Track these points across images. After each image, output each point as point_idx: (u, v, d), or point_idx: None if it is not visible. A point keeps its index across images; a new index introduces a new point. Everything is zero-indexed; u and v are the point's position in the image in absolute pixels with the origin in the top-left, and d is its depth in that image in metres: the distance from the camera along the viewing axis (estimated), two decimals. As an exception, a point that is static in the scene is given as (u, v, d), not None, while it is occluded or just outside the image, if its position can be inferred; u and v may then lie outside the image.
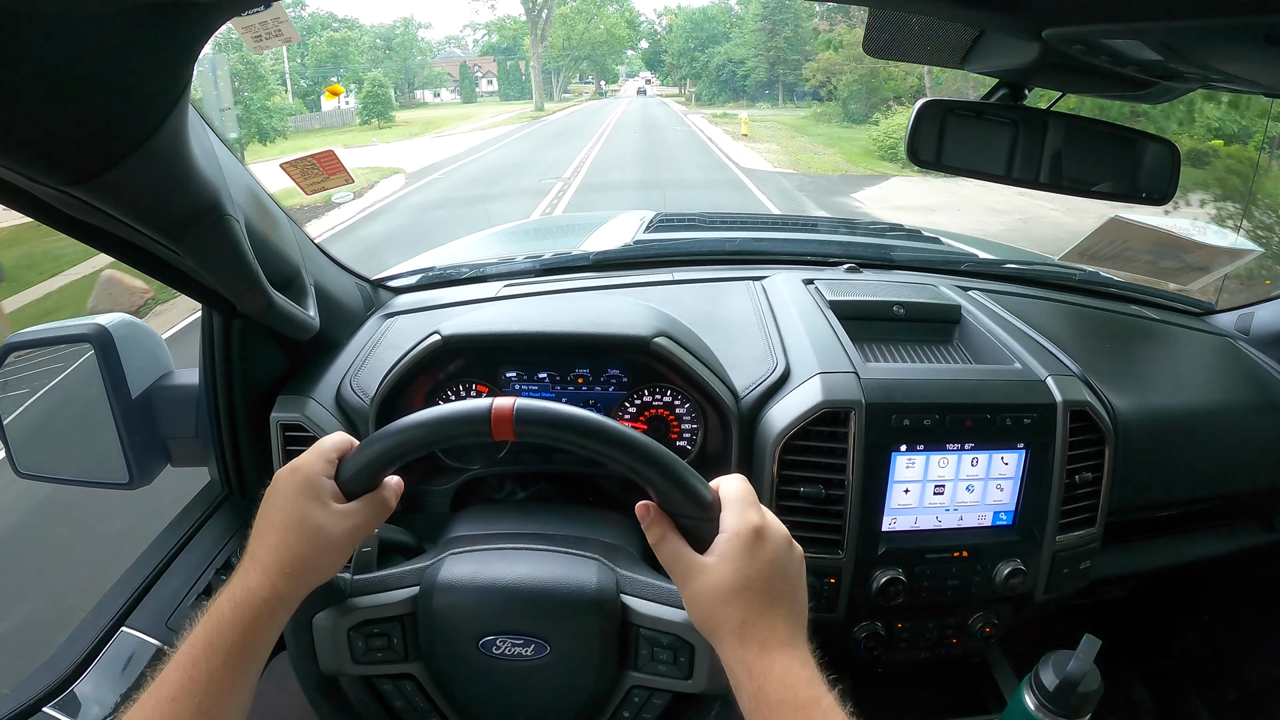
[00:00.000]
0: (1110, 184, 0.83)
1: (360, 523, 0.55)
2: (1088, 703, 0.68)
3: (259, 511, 0.55)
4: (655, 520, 0.54)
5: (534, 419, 0.53)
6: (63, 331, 0.93)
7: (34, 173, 0.48)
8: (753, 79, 34.31)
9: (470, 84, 45.32)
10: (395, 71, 37.78)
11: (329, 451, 0.57)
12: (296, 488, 0.54)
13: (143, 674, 0.78)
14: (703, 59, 40.13)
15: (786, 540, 0.53)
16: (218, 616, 0.50)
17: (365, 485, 0.56)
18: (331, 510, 0.54)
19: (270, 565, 0.52)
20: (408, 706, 0.62)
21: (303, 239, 0.91)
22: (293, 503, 0.54)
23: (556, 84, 45.36)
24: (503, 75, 46.99)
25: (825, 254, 1.33)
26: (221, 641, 0.49)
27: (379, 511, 0.57)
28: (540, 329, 0.91)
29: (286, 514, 0.53)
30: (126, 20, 0.41)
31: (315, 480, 0.54)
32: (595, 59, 47.28)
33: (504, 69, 47.09)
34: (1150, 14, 0.42)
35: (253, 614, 0.50)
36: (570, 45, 44.09)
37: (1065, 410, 0.85)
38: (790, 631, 0.51)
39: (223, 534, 0.96)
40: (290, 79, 28.25)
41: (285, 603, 0.52)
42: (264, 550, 0.53)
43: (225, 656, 0.48)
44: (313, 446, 0.57)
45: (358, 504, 0.56)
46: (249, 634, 0.49)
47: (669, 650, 0.57)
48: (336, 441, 0.58)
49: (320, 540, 0.53)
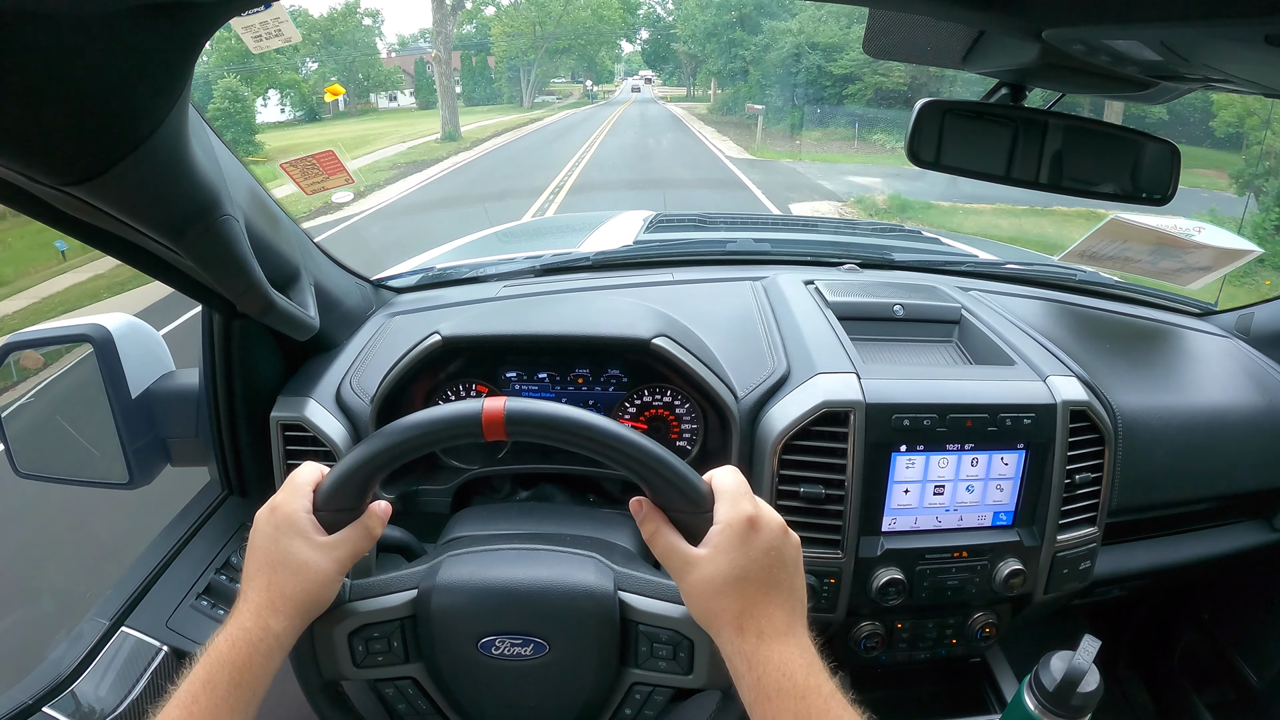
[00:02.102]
0: (1110, 184, 0.83)
1: (346, 553, 0.55)
2: (1088, 703, 0.68)
3: (245, 553, 0.55)
4: (649, 515, 0.54)
5: (525, 419, 0.53)
6: (63, 331, 0.93)
7: (34, 173, 0.48)
8: (857, 94, 17.12)
9: (427, 85, 33.49)
10: (337, 69, 29.06)
11: (303, 485, 0.56)
12: (277, 527, 0.54)
13: (142, 674, 0.78)
14: (752, 43, 22.60)
15: (781, 528, 0.53)
16: (216, 655, 0.50)
17: (348, 509, 0.56)
18: (315, 544, 0.54)
19: (263, 605, 0.52)
20: (409, 709, 0.62)
21: (303, 239, 0.91)
22: (275, 543, 0.54)
23: (527, 84, 34.20)
24: (467, 74, 35.85)
25: (826, 254, 1.33)
26: (219, 679, 0.49)
27: (363, 539, 0.57)
28: (540, 329, 0.91)
29: (270, 555, 0.54)
30: (126, 20, 0.41)
31: (294, 517, 0.54)
32: (579, 51, 36.11)
33: (469, 66, 35.89)
34: (1150, 15, 0.42)
35: (248, 652, 0.50)
36: (545, 31, 32.73)
37: (1065, 411, 0.85)
38: (789, 620, 0.51)
39: (223, 534, 0.96)
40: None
41: (281, 639, 0.52)
42: (254, 591, 0.53)
43: (223, 693, 0.49)
44: (285, 482, 0.57)
45: (342, 534, 0.55)
46: (245, 671, 0.50)
47: (668, 646, 0.57)
48: (309, 474, 0.57)
49: (306, 576, 0.53)
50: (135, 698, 0.76)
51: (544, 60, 34.71)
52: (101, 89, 0.44)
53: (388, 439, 0.55)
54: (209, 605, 0.87)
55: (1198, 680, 1.26)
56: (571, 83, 44.45)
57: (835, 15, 18.39)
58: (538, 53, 33.30)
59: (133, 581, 0.86)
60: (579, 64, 39.57)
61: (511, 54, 34.00)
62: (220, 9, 0.48)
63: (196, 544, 0.94)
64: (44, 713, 0.73)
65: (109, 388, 0.90)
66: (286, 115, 25.71)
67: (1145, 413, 0.98)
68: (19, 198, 0.55)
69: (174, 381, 0.98)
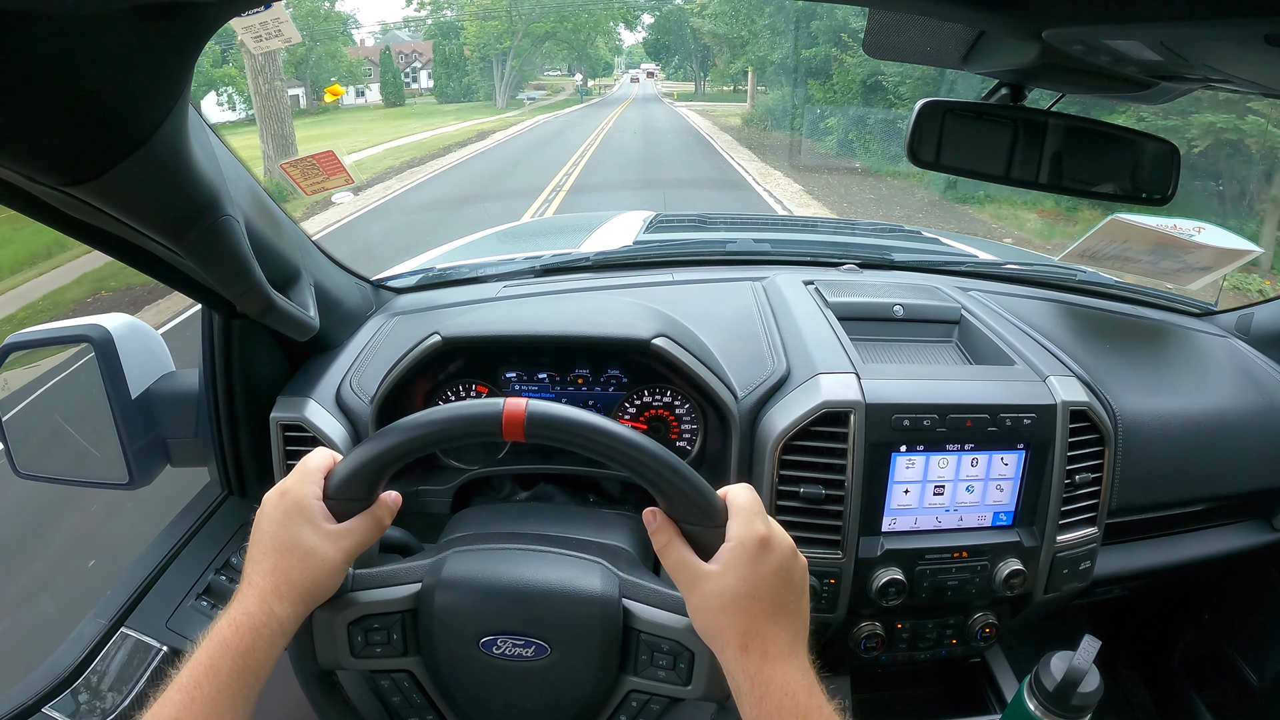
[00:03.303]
0: (1110, 184, 0.83)
1: (353, 542, 0.55)
2: (1088, 703, 0.68)
3: (251, 536, 0.55)
4: (662, 526, 0.54)
5: (546, 422, 0.53)
6: (63, 331, 0.93)
7: (34, 173, 0.48)
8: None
9: (394, 78, 28.72)
10: (289, 61, 20.93)
11: (314, 471, 0.56)
12: (286, 512, 0.54)
13: (142, 674, 0.78)
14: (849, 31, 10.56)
15: (792, 551, 0.53)
16: (218, 639, 0.50)
17: (359, 499, 0.56)
18: (323, 531, 0.54)
19: (267, 590, 0.52)
20: (404, 703, 0.62)
21: (303, 239, 0.91)
22: (283, 527, 0.53)
23: (502, 79, 27.65)
24: (439, 65, 29.79)
25: (826, 254, 1.33)
26: (221, 664, 0.49)
27: (373, 529, 0.56)
28: (540, 330, 0.91)
29: (277, 539, 0.53)
30: (126, 20, 0.41)
31: (304, 502, 0.54)
32: (567, 38, 29.80)
33: (441, 55, 29.37)
34: (1150, 15, 0.42)
35: (251, 637, 0.50)
36: (522, 12, 27.29)
37: (1065, 411, 0.85)
38: (793, 641, 0.51)
39: (223, 534, 0.96)
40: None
41: (284, 625, 0.52)
42: (258, 575, 0.53)
43: (226, 678, 0.49)
44: (297, 466, 0.57)
45: (351, 523, 0.55)
46: (248, 657, 0.50)
47: (668, 656, 0.57)
48: (321, 460, 0.57)
49: (313, 563, 0.53)
50: (135, 698, 0.76)
51: (525, 49, 28.58)
52: (101, 89, 0.44)
53: (406, 432, 0.54)
54: (209, 606, 0.87)
55: (1198, 680, 1.26)
56: (566, 76, 38.03)
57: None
58: (514, 38, 27.32)
59: (132, 582, 0.86)
60: (570, 54, 33.25)
61: (484, 41, 27.38)
62: (220, 9, 0.48)
63: (196, 544, 0.94)
64: (44, 713, 0.73)
65: (109, 388, 0.90)
66: (238, 115, 19.90)
67: (1145, 413, 0.98)
68: (19, 198, 0.55)
69: (174, 382, 0.98)
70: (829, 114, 11.82)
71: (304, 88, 23.92)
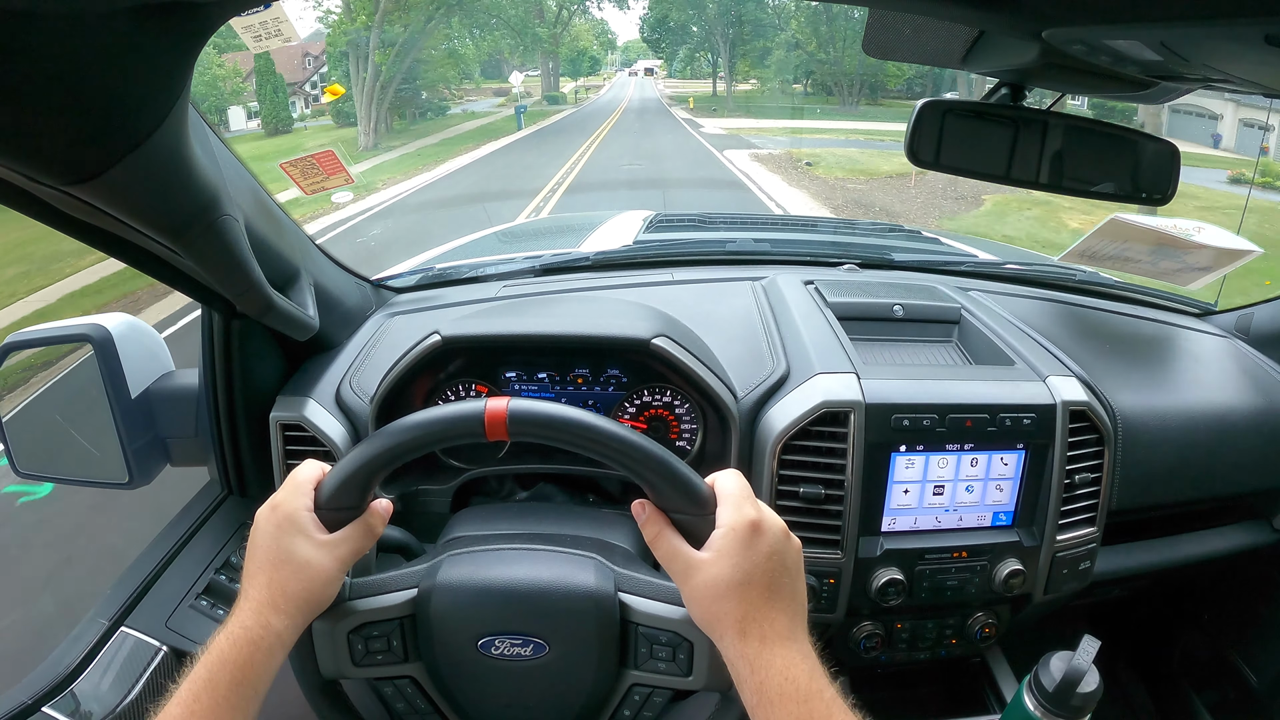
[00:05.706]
0: (1110, 184, 0.83)
1: (348, 551, 0.55)
2: (1088, 703, 0.68)
3: (246, 551, 0.55)
4: (651, 517, 0.54)
5: (527, 419, 0.53)
6: (63, 331, 0.93)
7: (34, 173, 0.48)
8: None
9: (275, 94, 18.24)
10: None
11: (304, 484, 0.56)
12: (278, 525, 0.54)
13: (142, 674, 0.78)
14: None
15: (784, 533, 0.53)
16: (217, 653, 0.50)
17: (350, 508, 0.56)
18: (316, 542, 0.54)
19: (264, 603, 0.52)
20: (408, 708, 0.62)
21: (303, 239, 0.91)
22: (276, 541, 0.54)
23: (362, 91, 16.46)
24: (334, 69, 19.99)
25: (825, 254, 1.33)
26: (220, 678, 0.49)
27: (365, 537, 0.57)
28: (540, 329, 0.91)
29: (271, 553, 0.54)
30: (126, 20, 0.41)
31: (295, 515, 0.54)
32: (501, 14, 17.99)
33: (334, 57, 19.44)
34: (1150, 15, 0.42)
35: (249, 651, 0.50)
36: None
37: (1065, 411, 0.85)
38: (791, 624, 0.51)
39: (223, 534, 0.96)
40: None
41: (282, 638, 0.52)
42: (255, 589, 0.53)
43: (224, 692, 0.49)
44: (286, 480, 0.57)
45: (344, 532, 0.55)
46: (246, 670, 0.50)
47: (668, 648, 0.57)
48: (310, 472, 0.57)
49: (308, 574, 0.53)
50: (135, 698, 0.76)
51: (421, 30, 15.91)
52: (101, 89, 0.44)
53: (389, 438, 0.55)
54: (209, 605, 0.87)
55: (1198, 680, 1.26)
56: (533, 77, 23.24)
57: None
58: (377, 11, 14.84)
59: (132, 581, 0.86)
60: (516, 42, 19.38)
61: (344, 26, 16.71)
62: (220, 9, 0.48)
63: (196, 544, 0.94)
64: (44, 713, 0.73)
65: (109, 388, 0.90)
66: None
67: (1145, 413, 0.98)
68: (19, 198, 0.55)
69: (174, 381, 0.98)
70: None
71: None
